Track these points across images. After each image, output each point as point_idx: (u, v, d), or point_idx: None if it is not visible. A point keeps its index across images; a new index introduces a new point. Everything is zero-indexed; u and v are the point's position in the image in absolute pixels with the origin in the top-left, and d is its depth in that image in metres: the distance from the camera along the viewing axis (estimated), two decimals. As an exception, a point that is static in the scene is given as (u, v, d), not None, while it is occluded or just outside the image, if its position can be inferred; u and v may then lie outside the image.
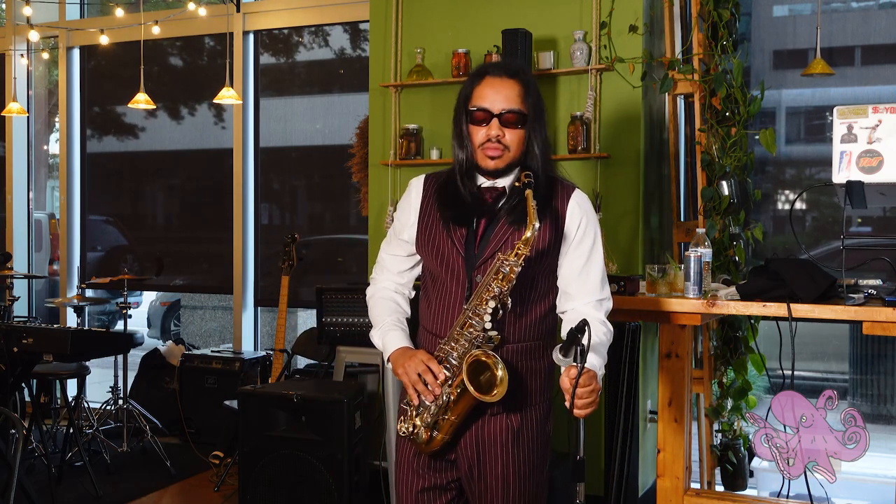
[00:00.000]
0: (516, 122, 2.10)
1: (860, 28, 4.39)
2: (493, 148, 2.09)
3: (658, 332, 3.30)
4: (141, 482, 4.62)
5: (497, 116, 2.09)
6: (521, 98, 2.11)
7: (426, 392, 2.06)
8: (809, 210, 4.56)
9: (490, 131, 2.09)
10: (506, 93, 2.10)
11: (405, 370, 2.09)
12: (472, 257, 2.12)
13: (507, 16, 4.33)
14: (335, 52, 5.80)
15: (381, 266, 2.34)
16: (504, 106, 2.09)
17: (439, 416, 2.07)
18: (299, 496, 3.61)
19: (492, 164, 2.11)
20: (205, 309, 7.67)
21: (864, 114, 2.92)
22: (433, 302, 2.19)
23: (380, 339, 2.24)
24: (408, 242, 2.25)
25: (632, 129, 4.14)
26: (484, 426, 2.15)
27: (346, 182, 5.35)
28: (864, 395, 4.56)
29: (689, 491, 3.13)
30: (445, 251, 2.15)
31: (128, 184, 6.50)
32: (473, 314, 2.03)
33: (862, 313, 2.69)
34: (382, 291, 2.31)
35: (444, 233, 2.16)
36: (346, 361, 4.17)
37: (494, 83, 2.12)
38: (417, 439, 2.11)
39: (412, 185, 2.28)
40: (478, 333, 2.03)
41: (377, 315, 2.28)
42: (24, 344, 4.06)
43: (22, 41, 6.27)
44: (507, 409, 2.14)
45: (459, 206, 2.14)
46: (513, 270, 1.99)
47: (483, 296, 2.02)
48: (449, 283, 2.15)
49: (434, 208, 2.19)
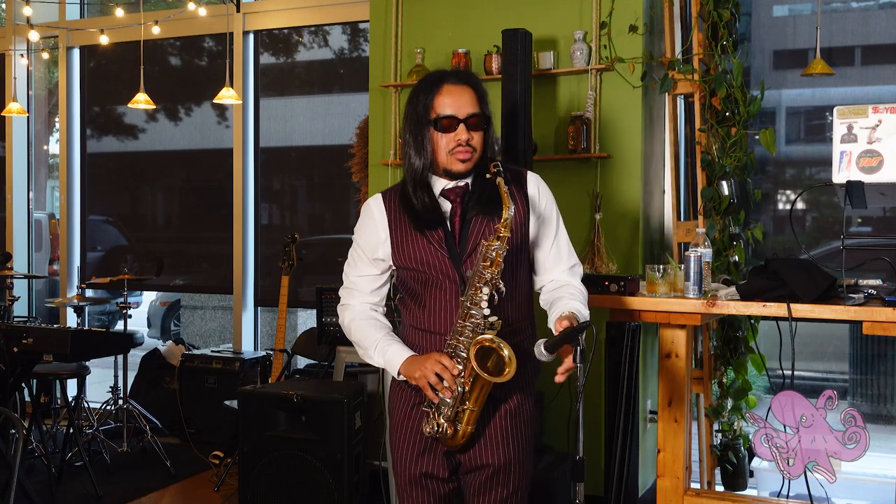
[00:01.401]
0: (479, 125, 2.20)
1: (860, 28, 4.39)
2: (464, 151, 2.18)
3: (658, 332, 3.30)
4: (141, 482, 4.62)
5: (464, 121, 2.18)
6: (479, 102, 2.22)
7: (443, 389, 2.10)
8: (809, 210, 4.56)
9: (459, 136, 2.18)
10: (467, 98, 2.20)
11: (422, 374, 2.12)
12: (457, 255, 2.19)
13: (507, 16, 4.33)
14: (335, 52, 5.80)
15: (350, 290, 2.35)
16: (469, 111, 2.19)
17: (458, 407, 2.11)
18: (299, 496, 3.61)
19: (463, 167, 2.20)
20: (205, 309, 7.67)
21: (864, 114, 2.92)
22: (427, 303, 2.23)
23: (380, 356, 2.25)
24: (382, 260, 2.29)
25: (632, 129, 4.14)
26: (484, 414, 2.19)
27: (346, 182, 5.35)
28: (864, 395, 4.56)
29: (689, 491, 3.13)
30: (428, 256, 2.20)
31: (128, 184, 6.50)
32: (472, 304, 2.10)
33: (862, 313, 2.69)
34: (360, 313, 2.33)
35: (422, 240, 2.21)
36: (346, 361, 4.17)
37: (454, 90, 2.21)
38: (445, 437, 2.15)
39: (371, 206, 2.31)
40: (479, 321, 2.09)
41: (365, 336, 2.29)
42: (24, 344, 4.06)
43: (22, 41, 6.27)
44: (505, 393, 2.21)
45: (430, 211, 2.21)
46: (499, 254, 2.09)
47: (476, 284, 2.10)
48: (441, 282, 2.20)
49: (404, 220, 2.24)
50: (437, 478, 2.27)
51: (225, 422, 4.64)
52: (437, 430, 2.14)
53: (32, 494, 3.57)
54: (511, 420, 2.24)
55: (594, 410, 4.05)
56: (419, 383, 2.14)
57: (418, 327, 2.25)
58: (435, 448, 2.24)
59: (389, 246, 2.26)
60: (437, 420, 2.14)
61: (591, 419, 4.04)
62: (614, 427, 3.73)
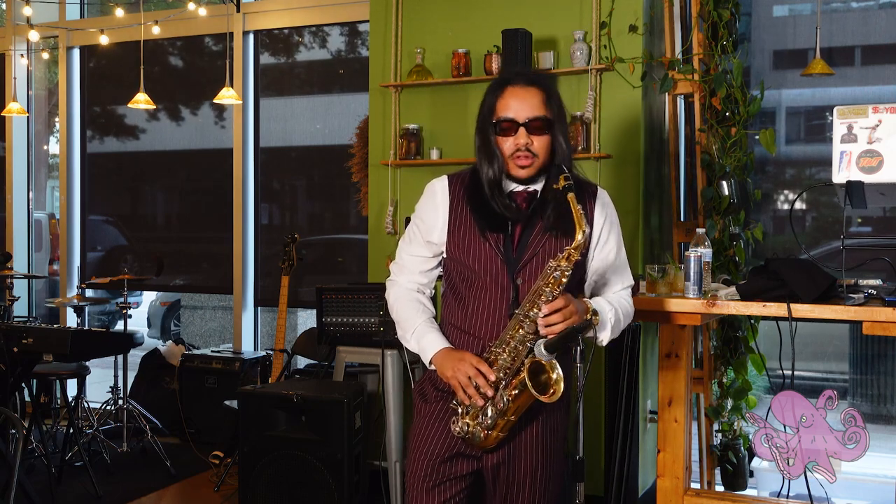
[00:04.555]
0: (542, 129, 2.13)
1: (860, 28, 4.39)
2: (523, 157, 2.12)
3: (658, 332, 3.30)
4: (141, 482, 4.62)
5: (524, 125, 2.11)
6: (545, 104, 2.14)
7: (477, 396, 2.08)
8: (809, 210, 4.56)
9: (518, 140, 2.12)
10: (530, 101, 2.13)
11: (454, 373, 2.10)
12: (512, 261, 2.14)
13: (507, 16, 4.33)
14: (335, 52, 5.80)
15: (400, 266, 2.33)
16: (529, 114, 2.12)
17: (497, 417, 2.09)
18: (299, 496, 3.61)
19: (523, 174, 2.14)
20: (205, 309, 7.67)
21: (864, 114, 2.92)
22: (469, 304, 2.19)
23: (416, 341, 2.23)
24: (436, 244, 2.25)
25: (632, 129, 4.14)
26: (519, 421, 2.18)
27: (346, 182, 5.35)
28: (864, 395, 4.57)
29: (689, 491, 3.13)
30: (482, 254, 2.17)
31: (128, 184, 6.50)
32: (525, 318, 2.05)
33: (862, 313, 2.69)
34: (406, 292, 2.30)
35: (479, 236, 2.17)
36: (346, 361, 4.17)
37: (517, 92, 2.14)
38: (475, 439, 2.13)
39: (436, 187, 2.26)
40: (530, 336, 2.05)
41: (406, 317, 2.26)
42: (24, 344, 4.06)
43: (22, 41, 6.27)
44: (540, 405, 2.17)
45: (494, 213, 2.16)
46: (564, 275, 2.03)
47: (536, 301, 2.05)
48: (489, 285, 2.16)
49: (466, 212, 2.20)
50: (455, 477, 2.22)
51: (225, 422, 4.64)
52: (465, 432, 2.12)
53: (32, 494, 3.57)
54: (541, 428, 2.21)
55: (594, 410, 4.05)
56: (450, 382, 2.12)
57: (457, 326, 2.22)
58: (455, 455, 2.20)
59: (446, 233, 2.22)
60: (465, 420, 2.12)
61: (591, 419, 4.04)
62: (614, 427, 3.73)
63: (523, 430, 2.20)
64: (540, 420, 2.21)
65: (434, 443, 2.22)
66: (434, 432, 2.22)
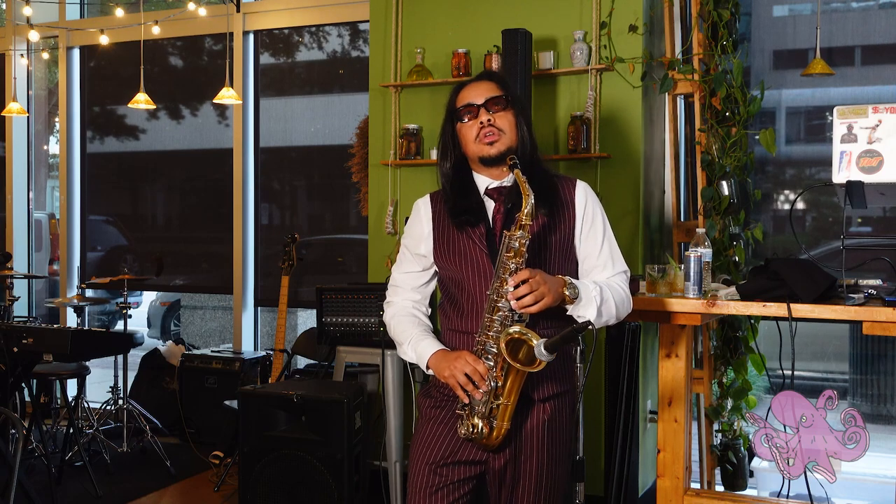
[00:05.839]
0: (502, 106, 2.21)
1: (860, 28, 4.39)
2: (489, 132, 2.18)
3: (658, 332, 3.29)
4: (141, 482, 4.62)
5: (482, 106, 2.20)
6: (500, 88, 2.24)
7: (475, 391, 2.09)
8: (809, 210, 4.56)
9: (481, 118, 2.19)
10: (486, 87, 2.24)
11: (452, 373, 2.11)
12: (496, 253, 2.16)
13: (507, 16, 4.33)
14: (335, 52, 5.80)
15: (395, 288, 2.37)
16: (487, 95, 2.21)
17: (491, 403, 2.09)
18: (299, 496, 3.61)
19: (493, 150, 2.19)
20: (205, 309, 7.67)
21: (864, 114, 2.92)
22: (464, 304, 2.22)
23: (412, 350, 2.25)
24: (424, 256, 2.29)
25: (632, 129, 4.14)
26: (519, 421, 2.17)
27: (346, 182, 5.35)
28: (864, 395, 4.57)
29: (689, 491, 3.13)
30: (467, 251, 2.20)
31: (128, 184, 6.50)
32: (497, 296, 2.08)
33: (862, 313, 2.69)
34: (401, 310, 2.34)
35: (462, 235, 2.21)
36: (346, 361, 4.17)
37: (473, 85, 2.26)
38: (481, 437, 2.13)
39: (419, 205, 2.33)
40: (507, 314, 2.07)
41: (402, 330, 2.30)
42: (24, 344, 4.06)
43: (22, 41, 6.27)
44: (540, 399, 2.19)
45: (472, 208, 2.21)
46: (522, 244, 2.06)
47: (501, 276, 2.07)
48: (478, 282, 2.18)
49: (447, 219, 2.25)
50: (457, 482, 2.21)
51: (225, 422, 4.64)
52: (472, 431, 2.12)
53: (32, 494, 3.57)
54: (546, 430, 2.21)
55: (594, 410, 4.05)
56: (448, 382, 2.13)
57: (455, 328, 2.24)
58: (458, 460, 2.20)
59: (432, 241, 2.26)
60: (471, 421, 2.12)
61: (591, 419, 4.04)
62: (614, 427, 3.73)
63: (528, 432, 2.20)
64: (545, 421, 2.21)
65: (436, 447, 2.22)
66: (436, 436, 2.22)
